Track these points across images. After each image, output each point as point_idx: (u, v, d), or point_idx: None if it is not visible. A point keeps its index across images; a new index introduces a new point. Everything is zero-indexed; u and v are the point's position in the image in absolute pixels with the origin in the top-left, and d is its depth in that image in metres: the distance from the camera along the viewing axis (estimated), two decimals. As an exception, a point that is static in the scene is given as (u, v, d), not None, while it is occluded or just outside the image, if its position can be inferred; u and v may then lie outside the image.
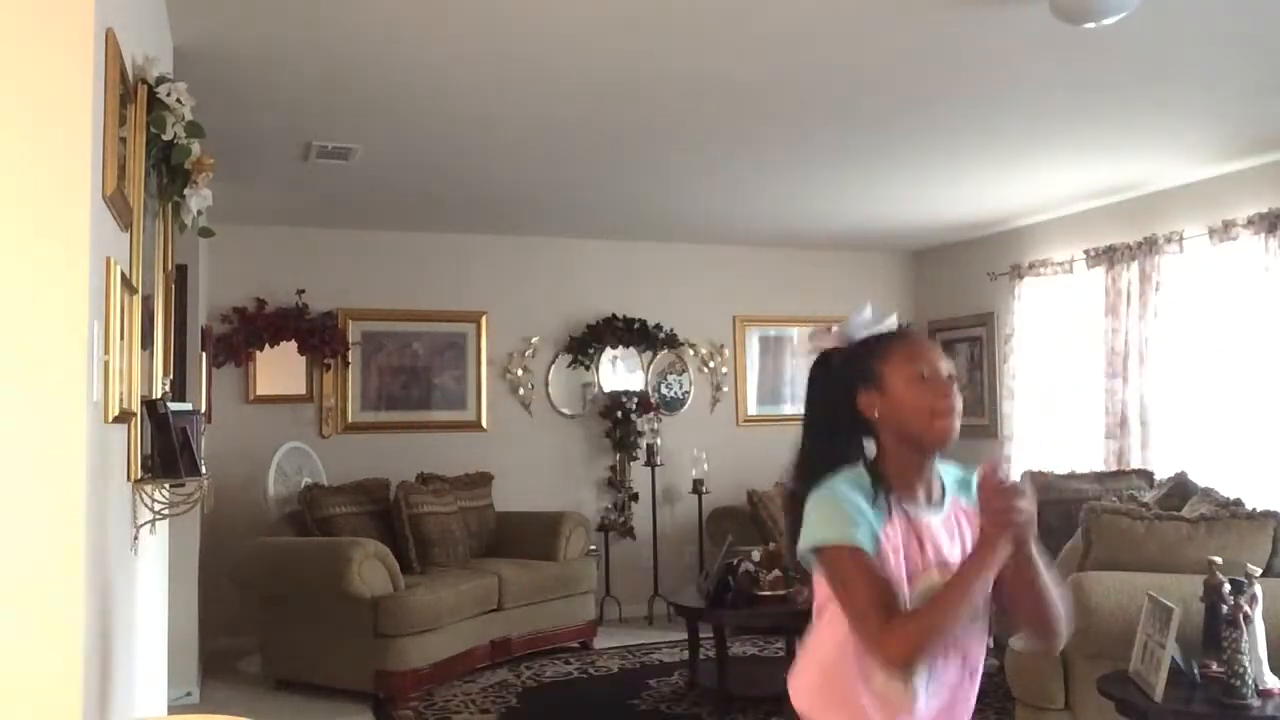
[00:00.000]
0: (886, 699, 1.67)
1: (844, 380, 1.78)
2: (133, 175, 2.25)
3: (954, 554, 1.71)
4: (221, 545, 5.53)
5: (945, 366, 1.75)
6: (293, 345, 6.37)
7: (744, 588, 4.80)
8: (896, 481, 1.72)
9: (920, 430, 1.71)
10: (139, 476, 2.43)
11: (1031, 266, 6.70)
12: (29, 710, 1.62)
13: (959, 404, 1.72)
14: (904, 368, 1.73)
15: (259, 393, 6.35)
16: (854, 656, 1.67)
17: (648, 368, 7.20)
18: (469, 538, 5.94)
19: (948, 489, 1.78)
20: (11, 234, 1.65)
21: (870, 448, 1.77)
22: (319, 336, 6.39)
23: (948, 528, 1.74)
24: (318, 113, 4.25)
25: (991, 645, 1.83)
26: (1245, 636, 2.92)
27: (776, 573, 4.82)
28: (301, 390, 6.46)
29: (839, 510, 1.66)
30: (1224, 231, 5.28)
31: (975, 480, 1.69)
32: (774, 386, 7.60)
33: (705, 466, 6.91)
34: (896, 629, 1.58)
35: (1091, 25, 3.09)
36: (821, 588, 1.72)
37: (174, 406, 2.62)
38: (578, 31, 3.40)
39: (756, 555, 4.96)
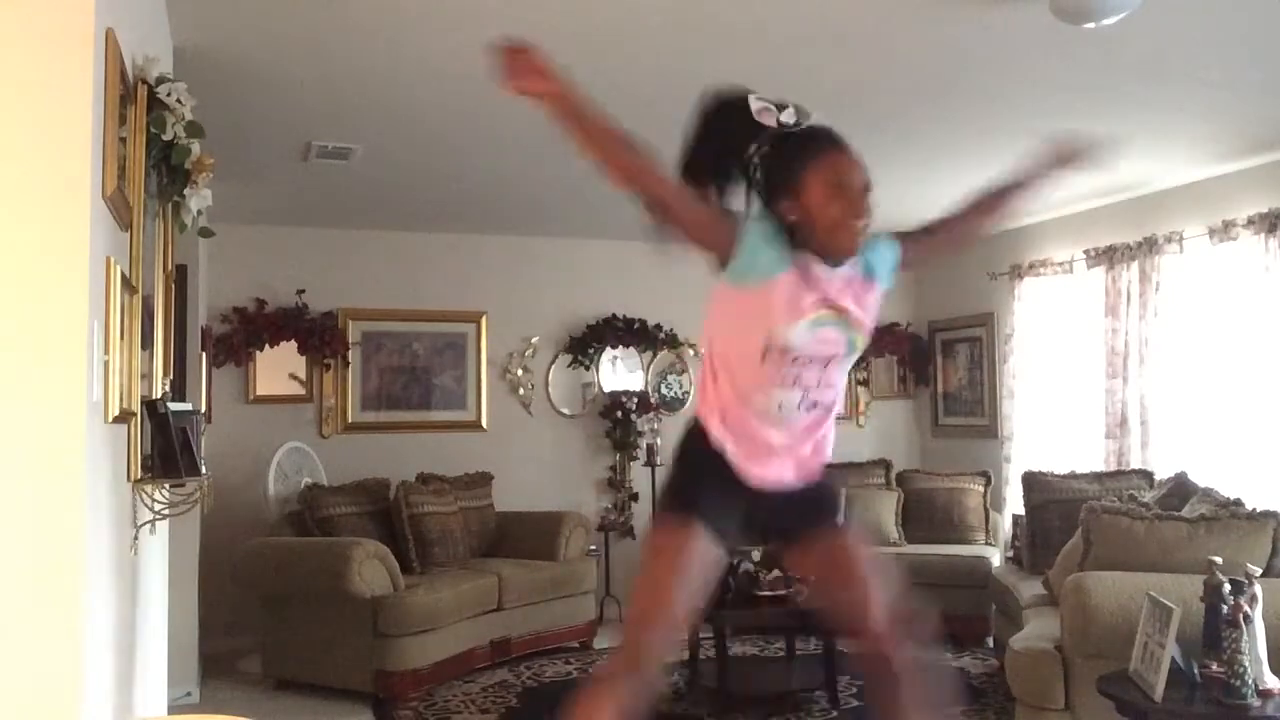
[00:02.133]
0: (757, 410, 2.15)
1: (765, 173, 2.12)
2: (132, 175, 2.25)
3: (843, 300, 2.13)
4: (221, 545, 5.53)
5: (862, 178, 2.06)
6: (292, 345, 6.37)
7: (743, 588, 4.80)
8: (810, 250, 2.09)
9: (830, 241, 2.05)
10: (139, 476, 2.43)
11: (1031, 266, 6.70)
12: (29, 710, 1.62)
13: (868, 218, 2.07)
14: (821, 179, 2.03)
15: (259, 393, 6.35)
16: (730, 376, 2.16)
17: (648, 368, 7.20)
18: (469, 538, 5.94)
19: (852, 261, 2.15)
20: (11, 234, 1.65)
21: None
22: (319, 336, 6.39)
23: (840, 283, 2.13)
24: (318, 113, 4.25)
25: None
26: (1245, 636, 2.92)
27: (776, 573, 4.82)
28: (301, 390, 6.46)
29: (742, 235, 2.07)
30: (1224, 231, 5.28)
31: (883, 252, 2.24)
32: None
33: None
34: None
35: (1091, 25, 3.10)
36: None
37: (174, 406, 2.62)
38: (577, 32, 3.40)
39: (756, 555, 4.96)
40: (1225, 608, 2.98)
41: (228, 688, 5.31)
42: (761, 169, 2.15)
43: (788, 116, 2.16)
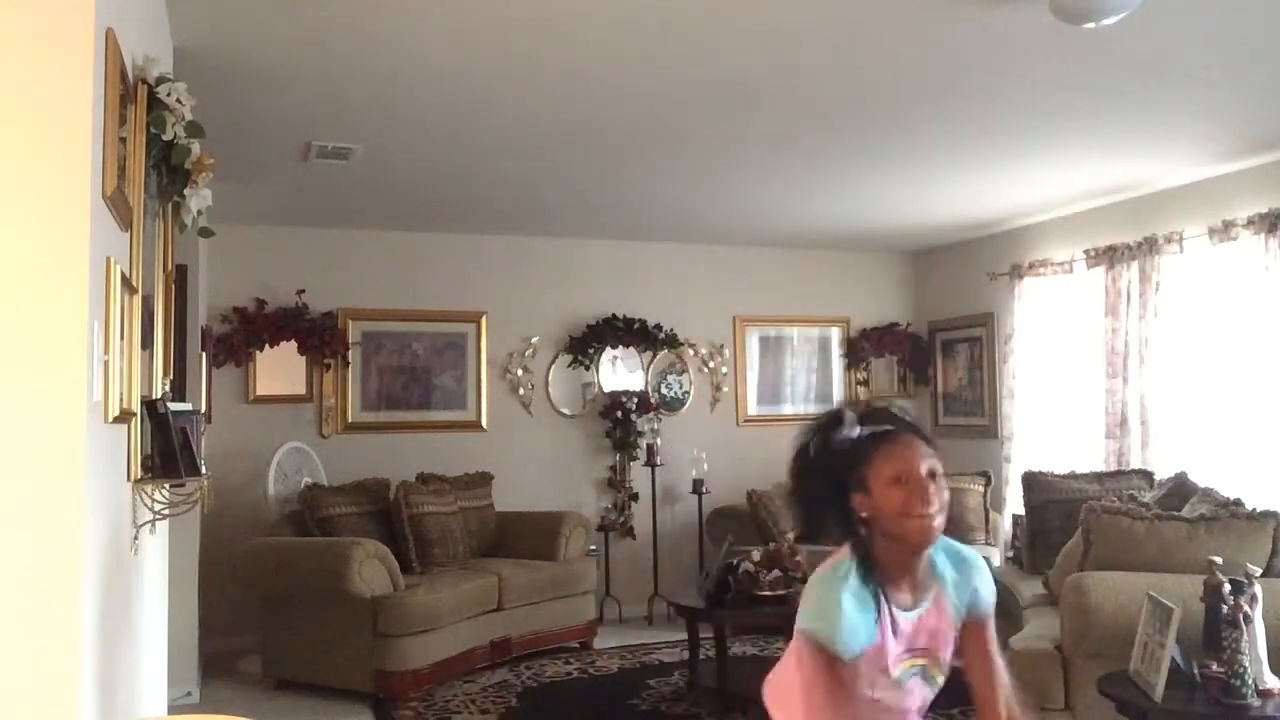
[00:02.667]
0: None
1: (837, 481, 1.96)
2: (133, 175, 2.25)
3: (925, 640, 1.97)
4: (221, 545, 5.53)
5: (926, 465, 1.95)
6: (292, 345, 6.37)
7: (744, 588, 4.80)
8: (887, 574, 1.92)
9: (900, 532, 1.90)
10: (139, 476, 2.43)
11: (1031, 266, 6.70)
12: (29, 710, 1.62)
13: (939, 502, 1.91)
14: (884, 472, 1.92)
15: (259, 393, 6.35)
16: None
17: (648, 368, 7.20)
18: (469, 538, 5.94)
19: (935, 580, 1.98)
20: (11, 234, 1.65)
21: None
22: (319, 336, 6.39)
23: (920, 623, 1.96)
24: (318, 113, 4.25)
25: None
26: (1245, 636, 2.92)
27: (776, 573, 4.82)
28: (301, 390, 6.47)
29: (836, 614, 1.87)
30: (1224, 231, 5.28)
31: (970, 571, 2.00)
32: (774, 386, 7.60)
33: (705, 466, 6.91)
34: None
35: (1091, 25, 3.09)
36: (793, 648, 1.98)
37: (174, 406, 2.62)
38: (578, 32, 3.40)
39: (756, 555, 4.96)
40: (1225, 608, 2.98)
41: (228, 688, 5.31)
42: (840, 477, 1.99)
43: (849, 427, 2.00)
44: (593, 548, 6.44)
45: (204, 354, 5.50)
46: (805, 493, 2.03)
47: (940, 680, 2.05)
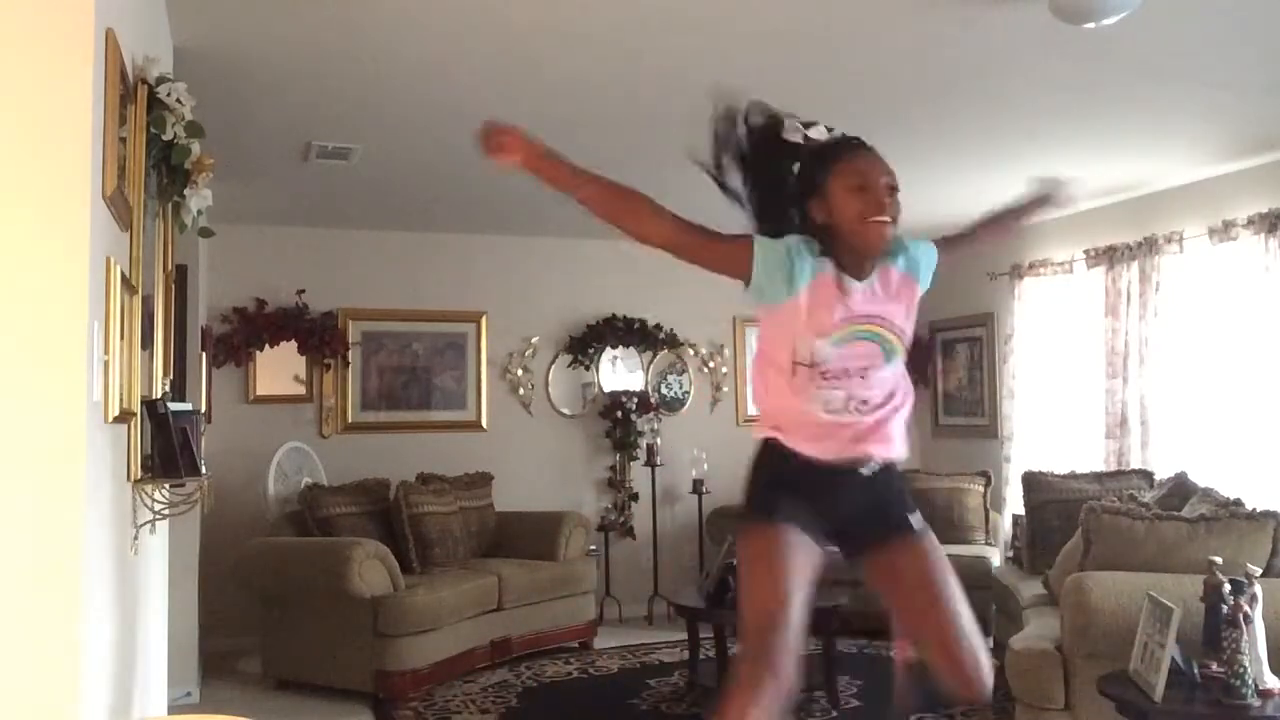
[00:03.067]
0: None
1: (799, 184, 2.22)
2: (133, 175, 2.25)
3: (874, 309, 2.19)
4: (221, 545, 5.53)
5: (885, 178, 2.16)
6: (292, 345, 6.37)
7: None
8: (840, 256, 2.15)
9: (856, 238, 2.10)
10: (139, 476, 2.43)
11: (1031, 266, 6.70)
12: (29, 710, 1.62)
13: (893, 213, 2.12)
14: (847, 180, 2.13)
15: (259, 393, 6.35)
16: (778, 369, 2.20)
17: (648, 368, 7.20)
18: (469, 538, 5.94)
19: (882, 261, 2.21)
20: (11, 234, 1.65)
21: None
22: (319, 336, 6.39)
23: (870, 293, 2.20)
24: (318, 113, 4.25)
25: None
26: (1245, 636, 2.92)
27: (776, 573, 4.81)
28: (301, 390, 6.47)
29: (771, 250, 2.21)
30: (1224, 231, 5.28)
31: (924, 252, 2.35)
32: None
33: (705, 466, 6.91)
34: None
35: (1091, 25, 3.09)
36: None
37: (174, 406, 2.62)
38: (578, 31, 3.40)
39: (756, 555, 4.94)
40: (1225, 607, 2.98)
41: (228, 688, 5.31)
42: (797, 182, 2.26)
43: (816, 133, 2.29)
44: (593, 548, 6.44)
45: (204, 354, 5.50)
46: (765, 178, 2.33)
47: (897, 349, 2.22)
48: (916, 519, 2.30)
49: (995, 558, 6.07)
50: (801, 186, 2.22)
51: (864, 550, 2.32)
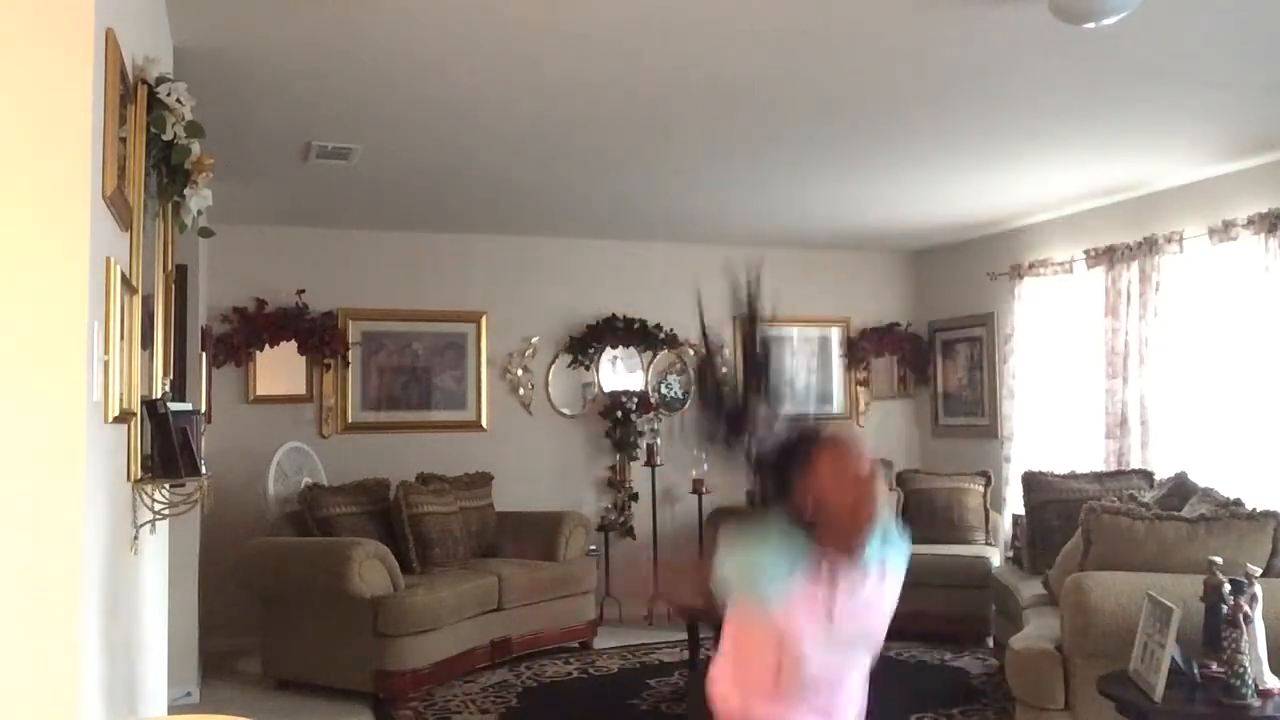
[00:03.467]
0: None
1: (786, 464, 2.05)
2: (133, 175, 2.25)
3: (856, 607, 2.00)
4: (221, 545, 5.53)
5: (865, 466, 2.00)
6: (293, 345, 6.37)
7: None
8: (828, 546, 1.97)
9: (845, 523, 1.96)
10: (139, 476, 2.43)
11: (1031, 266, 6.70)
12: (29, 710, 1.62)
13: (879, 498, 2.00)
14: (829, 468, 1.98)
15: (259, 393, 6.35)
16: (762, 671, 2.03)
17: (648, 367, 7.20)
18: (469, 538, 5.94)
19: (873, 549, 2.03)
20: (11, 234, 1.65)
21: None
22: (319, 336, 6.39)
23: (854, 587, 2.00)
24: (317, 113, 4.25)
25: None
26: (1245, 636, 2.92)
27: (776, 573, 4.80)
28: (301, 390, 6.47)
29: (760, 565, 1.98)
30: (1224, 231, 5.28)
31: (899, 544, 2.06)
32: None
33: (705, 466, 6.90)
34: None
35: (1091, 25, 3.09)
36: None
37: (174, 406, 2.62)
38: (578, 31, 3.40)
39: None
40: (1225, 607, 2.98)
41: (228, 688, 5.31)
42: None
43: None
44: (593, 548, 6.44)
45: (204, 354, 5.50)
46: (768, 464, 2.11)
47: (872, 651, 2.14)
48: None
49: (995, 558, 6.07)
50: (789, 464, 2.09)
51: None
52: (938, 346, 7.72)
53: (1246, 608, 2.94)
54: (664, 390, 7.23)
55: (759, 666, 2.03)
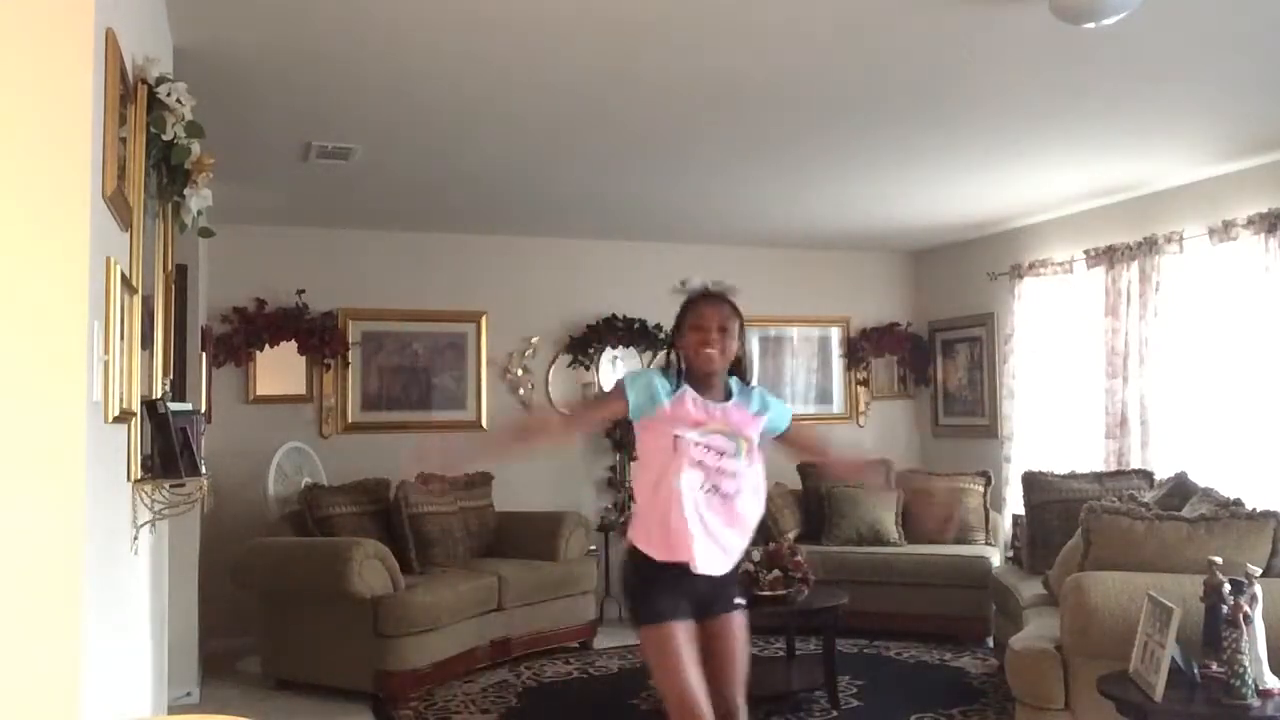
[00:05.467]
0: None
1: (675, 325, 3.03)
2: (132, 175, 2.25)
3: (727, 419, 2.86)
4: (221, 545, 5.53)
5: (715, 321, 2.91)
6: (292, 345, 6.37)
7: (743, 587, 4.79)
8: (695, 385, 2.88)
9: (694, 362, 2.89)
10: (139, 476, 2.43)
11: (1031, 266, 6.71)
12: (29, 710, 1.62)
13: (720, 346, 2.88)
14: (688, 320, 2.95)
15: (259, 393, 6.35)
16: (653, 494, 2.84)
17: (647, 367, 7.20)
18: (469, 538, 5.94)
19: (734, 394, 2.93)
20: (11, 234, 1.65)
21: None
22: (319, 336, 6.39)
23: (724, 411, 2.88)
24: (317, 113, 4.25)
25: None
26: (1245, 636, 2.92)
27: (776, 572, 4.82)
28: (301, 390, 6.47)
29: (655, 386, 2.86)
30: (1224, 231, 5.28)
31: (756, 396, 2.97)
32: (774, 386, 7.60)
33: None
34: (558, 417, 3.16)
35: (1091, 25, 3.09)
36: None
37: (174, 406, 2.62)
38: (578, 31, 3.40)
39: (756, 555, 4.95)
40: (1225, 608, 2.98)
41: (227, 687, 5.31)
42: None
43: (692, 285, 3.11)
44: (593, 548, 6.44)
45: (204, 354, 5.50)
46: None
47: (744, 447, 2.86)
48: (740, 600, 3.00)
49: (995, 558, 6.07)
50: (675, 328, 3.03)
51: (699, 617, 2.88)
52: (938, 346, 7.72)
53: (1246, 608, 2.94)
54: (664, 390, 7.22)
55: (658, 467, 2.80)
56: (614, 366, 7.14)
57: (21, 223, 1.66)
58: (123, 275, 2.12)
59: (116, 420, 2.05)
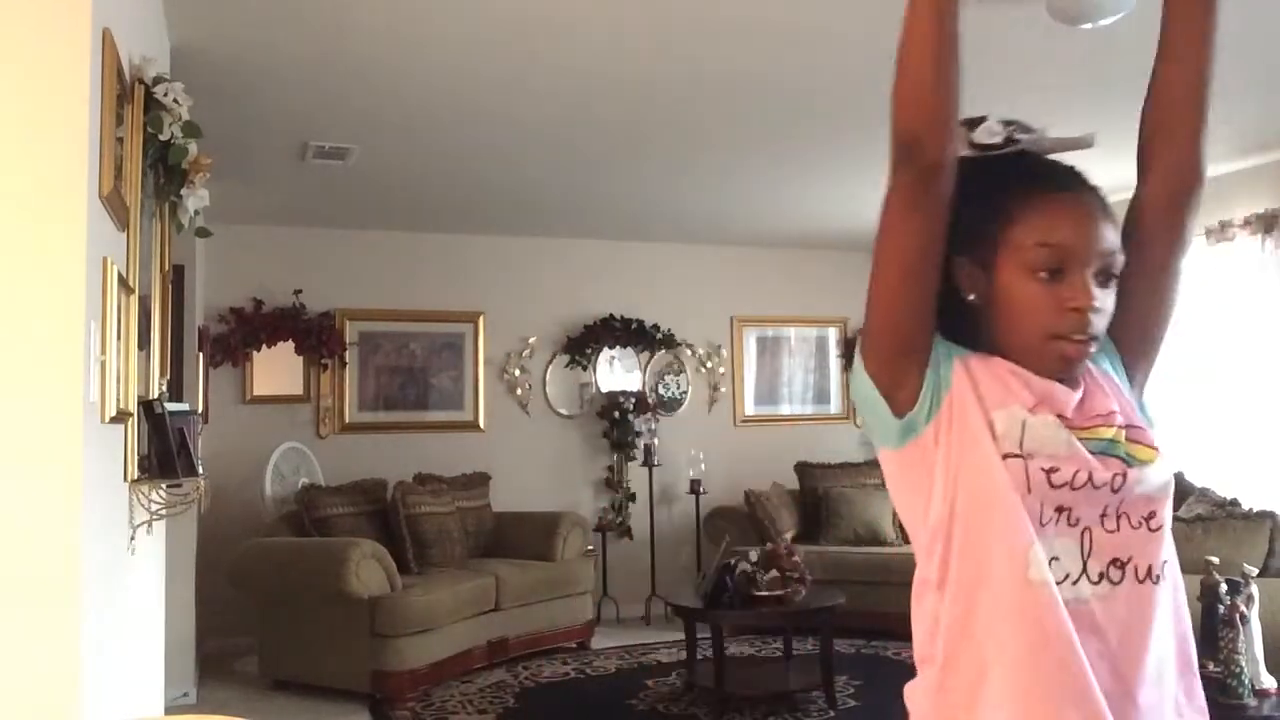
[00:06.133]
0: None
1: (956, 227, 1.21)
2: (130, 175, 2.25)
3: (1107, 406, 1.22)
4: (218, 546, 5.52)
5: (1099, 256, 1.24)
6: (290, 345, 6.37)
7: (741, 588, 4.80)
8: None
9: (1026, 349, 1.18)
10: (136, 477, 2.43)
11: (1028, 267, 6.70)
12: (28, 710, 1.62)
13: (1100, 321, 1.21)
14: (1028, 244, 1.19)
15: (256, 393, 6.35)
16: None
17: (645, 368, 7.20)
18: (466, 538, 5.93)
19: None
20: (9, 234, 1.65)
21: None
22: (316, 337, 6.38)
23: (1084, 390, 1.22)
24: (314, 113, 4.25)
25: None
26: (1242, 636, 2.93)
27: (774, 573, 4.82)
28: (298, 391, 6.46)
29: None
30: (1220, 232, 5.29)
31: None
32: (771, 387, 7.60)
33: (703, 466, 6.91)
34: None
35: (1088, 26, 3.10)
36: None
37: (171, 407, 2.62)
38: (576, 31, 3.40)
39: (754, 555, 4.96)
40: (1222, 608, 2.98)
41: (225, 688, 5.30)
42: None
43: (983, 135, 1.32)
44: (590, 548, 6.44)
45: (201, 354, 5.49)
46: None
47: (1155, 472, 1.24)
48: None
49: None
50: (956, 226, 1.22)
51: None
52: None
53: (1243, 608, 2.95)
54: (661, 390, 7.23)
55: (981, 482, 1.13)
56: (611, 367, 7.14)
57: (18, 223, 1.66)
58: (119, 275, 2.12)
59: (113, 421, 2.05)
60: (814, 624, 5.07)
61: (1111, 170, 4.97)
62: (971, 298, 1.22)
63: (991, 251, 1.21)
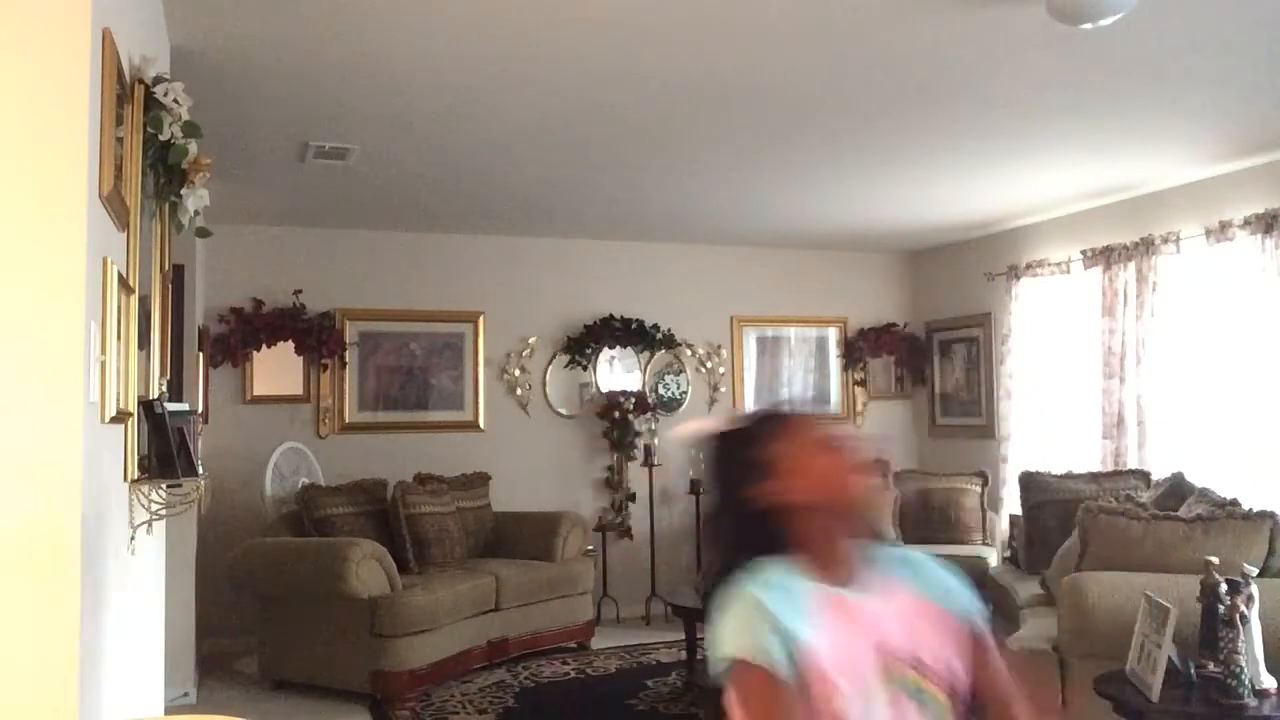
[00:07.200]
0: None
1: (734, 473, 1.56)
2: (129, 175, 2.25)
3: (920, 649, 1.44)
4: (218, 546, 5.53)
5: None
6: (290, 345, 6.37)
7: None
8: (818, 567, 1.47)
9: (833, 497, 1.48)
10: (136, 477, 2.43)
11: (1029, 267, 6.71)
12: (27, 710, 1.62)
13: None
14: (802, 440, 1.54)
15: (256, 393, 6.35)
16: None
17: (645, 368, 7.20)
18: (466, 538, 5.93)
19: (881, 567, 1.52)
20: (8, 234, 1.65)
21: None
22: (316, 337, 6.38)
23: (898, 619, 1.46)
24: (315, 113, 4.25)
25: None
26: (1242, 636, 2.93)
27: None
28: (298, 391, 6.46)
29: (754, 616, 1.40)
30: (1220, 232, 5.28)
31: (927, 567, 1.53)
32: (771, 387, 7.60)
33: (703, 467, 6.89)
34: None
35: (1088, 26, 3.10)
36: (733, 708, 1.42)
37: (171, 407, 2.62)
38: (576, 31, 3.40)
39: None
40: (1222, 608, 2.99)
41: (225, 688, 5.30)
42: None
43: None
44: (590, 548, 6.44)
45: (201, 354, 5.49)
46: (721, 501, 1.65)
47: (943, 703, 1.44)
48: None
49: (992, 558, 6.07)
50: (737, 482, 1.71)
51: None
52: (935, 346, 7.73)
53: (1243, 608, 2.95)
54: (661, 390, 7.23)
55: None
56: (611, 367, 7.14)
57: (18, 223, 1.66)
58: (119, 275, 2.12)
59: (113, 421, 2.05)
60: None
61: (1112, 170, 4.97)
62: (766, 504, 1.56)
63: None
